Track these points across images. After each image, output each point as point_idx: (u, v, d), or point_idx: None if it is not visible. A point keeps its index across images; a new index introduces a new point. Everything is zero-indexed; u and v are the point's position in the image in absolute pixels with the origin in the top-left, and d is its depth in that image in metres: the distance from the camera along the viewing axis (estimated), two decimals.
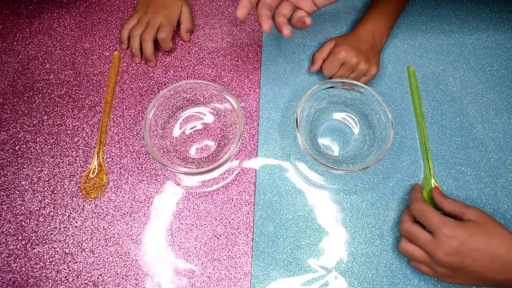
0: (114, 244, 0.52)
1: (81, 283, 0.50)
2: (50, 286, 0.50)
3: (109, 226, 0.53)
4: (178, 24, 0.63)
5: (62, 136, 0.57)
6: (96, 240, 0.52)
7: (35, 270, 0.51)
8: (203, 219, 0.54)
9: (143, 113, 0.59)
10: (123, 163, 0.56)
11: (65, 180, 0.55)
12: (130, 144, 0.57)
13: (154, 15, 0.60)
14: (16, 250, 0.52)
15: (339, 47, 0.58)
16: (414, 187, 0.54)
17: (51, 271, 0.51)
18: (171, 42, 0.60)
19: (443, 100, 0.61)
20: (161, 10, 0.60)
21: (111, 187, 0.55)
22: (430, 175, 0.56)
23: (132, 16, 0.62)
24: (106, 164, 0.56)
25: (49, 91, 0.60)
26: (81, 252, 0.52)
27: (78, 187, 0.55)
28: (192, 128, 0.59)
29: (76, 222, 0.53)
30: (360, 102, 0.57)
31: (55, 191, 0.55)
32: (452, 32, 0.66)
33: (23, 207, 0.54)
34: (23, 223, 0.53)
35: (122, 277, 0.51)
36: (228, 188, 0.55)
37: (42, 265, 0.51)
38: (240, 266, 0.52)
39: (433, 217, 0.46)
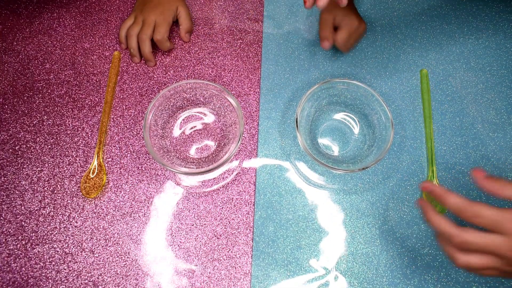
0: (114, 244, 0.52)
1: (81, 283, 0.50)
2: (50, 286, 0.50)
3: (109, 226, 0.53)
4: (177, 23, 0.63)
5: (62, 136, 0.57)
6: (96, 240, 0.52)
7: (35, 270, 0.51)
8: (203, 219, 0.54)
9: (143, 113, 0.59)
10: (123, 163, 0.56)
11: (65, 180, 0.55)
12: (130, 144, 0.57)
13: (149, 14, 0.60)
14: (16, 250, 0.52)
15: (349, 18, 0.59)
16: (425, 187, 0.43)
17: (51, 271, 0.51)
18: (168, 42, 0.60)
19: (443, 100, 0.61)
20: (156, 8, 0.60)
21: (111, 187, 0.55)
22: (433, 178, 0.56)
23: (129, 16, 0.62)
24: (106, 164, 0.56)
25: (49, 91, 0.60)
26: (81, 252, 0.52)
27: (78, 187, 0.55)
28: (192, 128, 0.59)
29: (76, 222, 0.53)
30: (360, 102, 0.57)
31: (55, 191, 0.55)
32: (452, 32, 0.66)
33: (23, 207, 0.54)
34: (23, 223, 0.53)
35: (122, 277, 0.51)
36: (228, 188, 0.56)
37: (42, 265, 0.51)
38: (240, 266, 0.52)
39: (488, 211, 0.37)
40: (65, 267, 0.51)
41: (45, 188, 0.55)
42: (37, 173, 0.55)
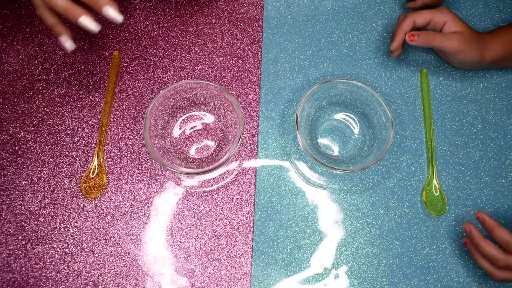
0: (114, 244, 0.52)
1: (81, 283, 0.50)
2: (50, 286, 0.50)
3: (109, 226, 0.53)
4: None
5: (62, 136, 0.57)
6: (96, 240, 0.52)
7: (35, 270, 0.51)
8: (203, 219, 0.54)
9: (143, 113, 0.59)
10: (123, 163, 0.56)
11: (65, 180, 0.55)
12: (130, 144, 0.57)
13: None
14: (16, 250, 0.52)
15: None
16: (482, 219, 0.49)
17: (51, 271, 0.51)
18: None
19: (443, 100, 0.61)
20: None
21: (111, 187, 0.55)
22: (433, 178, 0.56)
23: None
24: (106, 164, 0.56)
25: (49, 91, 0.60)
26: (81, 252, 0.52)
27: (78, 187, 0.55)
28: (192, 128, 0.59)
29: (76, 222, 0.53)
30: (360, 102, 0.57)
31: (55, 191, 0.55)
32: None
33: (23, 207, 0.54)
34: (23, 223, 0.53)
35: (122, 277, 0.51)
36: (228, 188, 0.56)
37: (42, 265, 0.51)
38: (240, 266, 0.52)
39: None
40: (65, 267, 0.51)
41: (45, 188, 0.55)
42: (37, 173, 0.55)
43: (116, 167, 0.56)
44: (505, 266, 0.46)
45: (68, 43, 0.47)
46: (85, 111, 0.59)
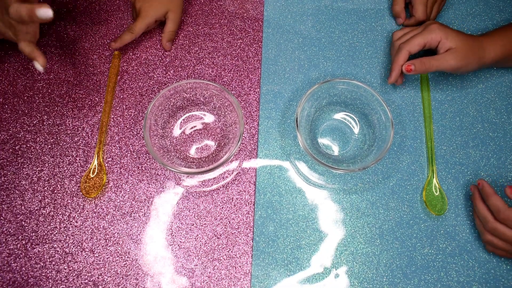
0: (114, 243, 0.52)
1: (81, 282, 0.50)
2: (50, 285, 0.50)
3: (109, 226, 0.53)
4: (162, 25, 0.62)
5: (62, 136, 0.57)
6: (96, 240, 0.52)
7: (35, 269, 0.51)
8: (203, 218, 0.54)
9: (143, 112, 0.59)
10: (123, 162, 0.56)
11: (65, 180, 0.55)
12: (130, 144, 0.57)
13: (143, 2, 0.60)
14: (16, 250, 0.52)
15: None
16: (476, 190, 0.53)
17: (51, 271, 0.51)
18: (127, 35, 0.59)
19: (442, 99, 0.61)
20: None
21: (111, 186, 0.55)
22: (433, 178, 0.56)
23: None
24: (106, 164, 0.56)
25: (49, 90, 0.60)
26: (81, 251, 0.52)
27: (78, 186, 0.55)
28: (192, 127, 0.59)
29: (76, 222, 0.53)
30: (360, 101, 0.57)
31: (55, 191, 0.55)
32: None
33: (23, 207, 0.54)
34: (23, 222, 0.53)
35: (122, 277, 0.51)
36: (228, 187, 0.56)
37: (42, 264, 0.51)
38: (240, 266, 0.52)
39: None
40: (65, 267, 0.51)
41: (45, 188, 0.55)
42: (37, 173, 0.55)
43: (116, 167, 0.56)
44: (492, 229, 0.49)
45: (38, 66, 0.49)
46: (85, 110, 0.59)
